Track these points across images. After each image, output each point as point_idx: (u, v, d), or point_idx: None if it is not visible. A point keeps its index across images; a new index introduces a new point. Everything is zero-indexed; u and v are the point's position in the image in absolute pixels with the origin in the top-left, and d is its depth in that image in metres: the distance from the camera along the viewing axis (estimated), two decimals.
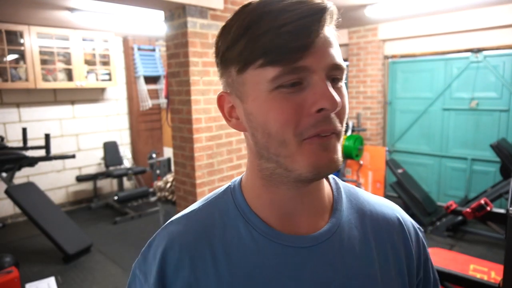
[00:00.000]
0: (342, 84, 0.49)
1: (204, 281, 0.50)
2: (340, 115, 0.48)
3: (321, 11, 0.45)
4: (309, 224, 0.53)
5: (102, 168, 4.98)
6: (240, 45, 0.47)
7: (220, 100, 0.54)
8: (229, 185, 0.59)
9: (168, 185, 3.27)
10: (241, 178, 0.58)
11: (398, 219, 0.60)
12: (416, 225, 0.63)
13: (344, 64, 0.48)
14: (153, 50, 5.22)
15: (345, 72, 0.49)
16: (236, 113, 0.52)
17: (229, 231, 0.53)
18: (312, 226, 0.53)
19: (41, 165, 4.27)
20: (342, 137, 0.50)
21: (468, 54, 4.00)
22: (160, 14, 2.96)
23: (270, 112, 0.47)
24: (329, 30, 0.48)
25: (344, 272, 0.52)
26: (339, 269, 0.51)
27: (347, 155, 4.34)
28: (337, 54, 0.48)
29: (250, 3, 0.49)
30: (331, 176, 0.60)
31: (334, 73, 0.47)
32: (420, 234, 0.62)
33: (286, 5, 0.45)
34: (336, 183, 0.60)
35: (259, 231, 0.52)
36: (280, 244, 0.51)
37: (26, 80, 4.02)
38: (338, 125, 0.47)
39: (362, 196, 0.61)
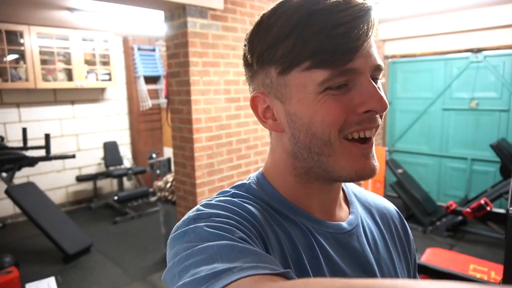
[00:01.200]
0: (379, 83, 0.50)
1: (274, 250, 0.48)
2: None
3: (369, 11, 0.45)
4: (338, 215, 0.57)
5: (102, 168, 4.98)
6: (285, 46, 0.45)
7: (254, 101, 0.53)
8: (252, 181, 0.56)
9: (168, 185, 3.27)
10: (260, 176, 0.57)
11: (396, 210, 0.68)
12: None
13: (383, 64, 0.49)
14: (153, 50, 5.22)
15: (382, 71, 0.50)
16: (273, 114, 0.52)
17: (278, 220, 0.51)
18: (340, 216, 0.57)
19: (41, 165, 4.27)
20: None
21: (468, 54, 4.00)
22: (160, 14, 2.96)
23: (317, 113, 0.47)
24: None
25: (374, 254, 0.56)
26: (370, 252, 0.56)
27: None
28: (378, 55, 0.48)
29: (287, 0, 0.47)
30: None
31: (375, 74, 0.48)
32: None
33: (335, 5, 0.43)
34: None
35: (307, 219, 0.53)
36: (325, 231, 0.53)
37: (26, 80, 4.02)
38: (379, 120, 0.49)
39: (362, 190, 0.67)
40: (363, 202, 0.63)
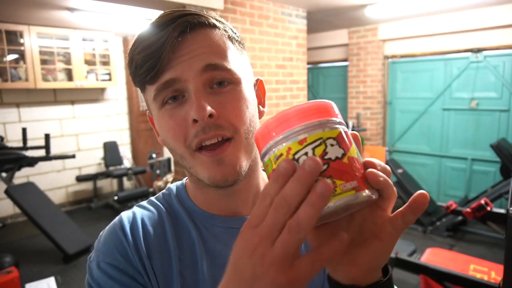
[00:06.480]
0: (233, 87, 0.49)
1: (156, 253, 0.52)
2: (229, 119, 0.48)
3: (172, 22, 0.47)
4: (246, 213, 0.57)
5: (102, 168, 4.98)
6: (130, 74, 0.51)
7: (150, 119, 0.58)
8: (172, 185, 0.63)
9: (168, 185, 3.27)
10: (180, 184, 0.62)
11: None
12: None
13: (226, 64, 0.48)
14: None
15: (233, 72, 0.49)
16: None
17: (175, 215, 0.57)
18: (247, 214, 0.57)
19: (41, 165, 4.27)
20: (245, 139, 0.49)
21: (468, 54, 4.00)
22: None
23: (162, 129, 0.50)
24: (202, 35, 0.49)
25: None
26: None
27: None
28: (216, 56, 0.48)
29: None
30: None
31: (214, 75, 0.47)
32: None
33: (150, 26, 0.48)
34: None
35: (196, 215, 0.56)
36: (214, 225, 0.56)
37: (26, 80, 4.02)
38: (224, 131, 0.47)
39: None
40: None
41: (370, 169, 0.34)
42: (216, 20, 0.52)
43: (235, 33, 0.54)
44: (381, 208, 0.36)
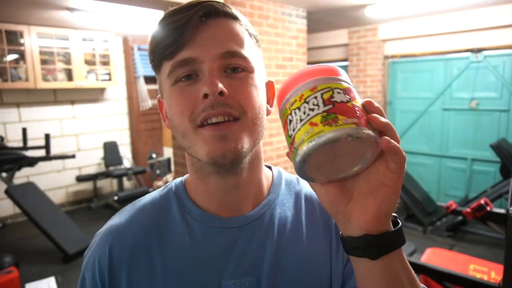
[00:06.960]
0: (246, 74, 0.50)
1: (137, 268, 0.52)
2: (238, 100, 0.48)
3: (198, 5, 0.49)
4: (247, 209, 0.56)
5: (102, 168, 4.98)
6: (149, 51, 0.53)
7: (159, 104, 0.58)
8: (173, 181, 0.62)
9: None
10: (179, 182, 0.61)
11: None
12: None
13: (244, 52, 0.50)
14: None
15: (249, 61, 0.51)
16: (166, 113, 0.55)
17: (166, 218, 0.56)
18: (248, 210, 0.56)
19: (41, 165, 4.27)
20: (252, 123, 0.50)
21: (468, 54, 4.00)
22: (160, 14, 2.96)
23: (171, 106, 0.51)
24: (224, 22, 0.51)
25: (274, 248, 0.54)
26: (269, 246, 0.54)
27: None
28: (235, 43, 0.50)
29: None
30: (275, 168, 0.64)
31: (231, 61, 0.49)
32: None
33: (177, 9, 0.50)
34: (279, 173, 0.64)
35: (192, 214, 0.55)
36: (210, 225, 0.54)
37: (26, 80, 4.02)
38: (232, 110, 0.48)
39: (301, 184, 0.64)
40: (294, 194, 0.61)
41: (373, 114, 0.38)
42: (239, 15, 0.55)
43: (254, 31, 0.57)
44: (383, 155, 0.39)
